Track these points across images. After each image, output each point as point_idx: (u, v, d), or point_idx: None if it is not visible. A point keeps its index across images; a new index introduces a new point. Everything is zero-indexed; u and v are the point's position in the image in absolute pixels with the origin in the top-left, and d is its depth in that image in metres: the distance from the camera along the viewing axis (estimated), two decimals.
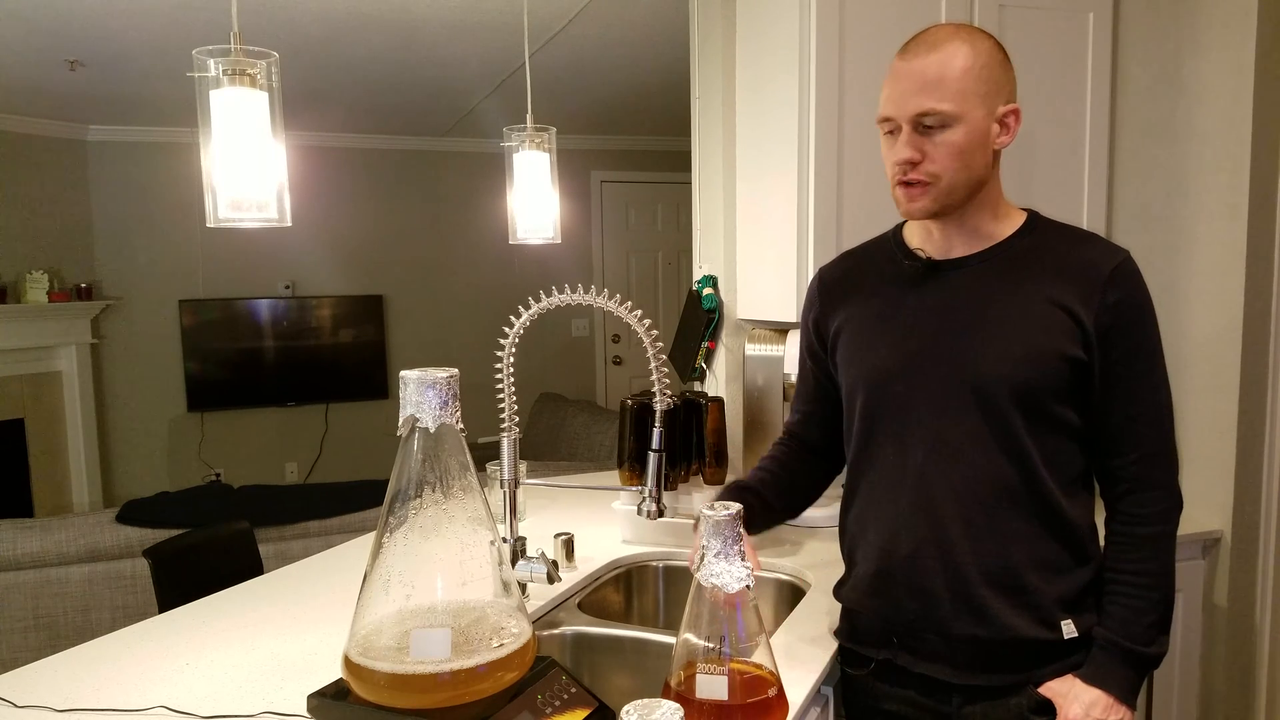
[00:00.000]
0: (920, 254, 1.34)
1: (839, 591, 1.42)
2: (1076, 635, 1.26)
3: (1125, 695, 1.24)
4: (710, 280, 2.42)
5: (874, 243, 1.45)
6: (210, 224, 1.40)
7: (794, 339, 2.12)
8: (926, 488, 1.28)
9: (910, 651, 1.32)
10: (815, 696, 1.36)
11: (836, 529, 1.48)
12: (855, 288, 1.41)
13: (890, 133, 1.26)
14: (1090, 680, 1.25)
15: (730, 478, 2.17)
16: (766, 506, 1.46)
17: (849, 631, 1.41)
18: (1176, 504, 1.28)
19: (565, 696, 1.15)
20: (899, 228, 1.41)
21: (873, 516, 1.35)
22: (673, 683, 1.16)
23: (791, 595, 1.81)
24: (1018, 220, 1.32)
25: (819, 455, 1.52)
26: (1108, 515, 1.30)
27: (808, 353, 1.50)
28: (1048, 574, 1.26)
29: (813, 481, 1.54)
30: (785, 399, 2.12)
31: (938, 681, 1.31)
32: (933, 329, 1.29)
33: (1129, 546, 1.27)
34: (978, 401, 1.25)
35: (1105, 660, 1.25)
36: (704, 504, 1.16)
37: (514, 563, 1.56)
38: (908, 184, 1.25)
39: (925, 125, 1.22)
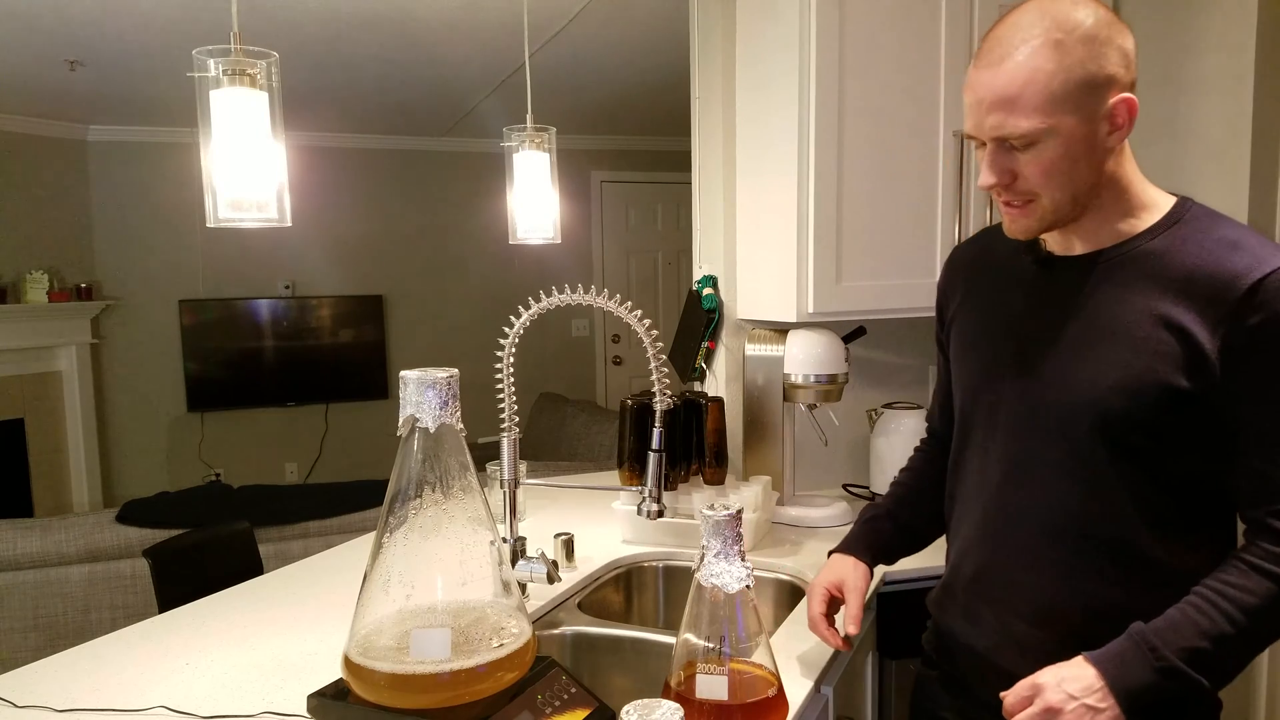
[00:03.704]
0: (1041, 245, 1.19)
1: (930, 592, 1.38)
2: None
3: (1121, 690, 1.02)
4: (710, 280, 2.42)
5: None
6: (210, 224, 1.40)
7: (794, 339, 2.11)
8: (998, 511, 1.21)
9: (964, 671, 1.29)
10: (815, 696, 1.36)
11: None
12: (976, 275, 1.31)
13: (980, 146, 1.11)
14: (1091, 658, 1.06)
15: (730, 478, 2.18)
16: (903, 529, 1.42)
17: (929, 633, 1.38)
18: None
19: (565, 696, 1.15)
20: None
21: (955, 529, 1.31)
22: (673, 683, 1.16)
23: (791, 595, 1.81)
24: (1159, 211, 1.12)
25: None
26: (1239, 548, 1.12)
27: (938, 337, 1.41)
28: (1106, 621, 1.08)
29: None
30: (785, 399, 2.12)
31: (986, 704, 1.21)
32: (1031, 336, 1.18)
33: (1232, 569, 1.06)
34: (1059, 426, 1.13)
35: (1120, 648, 1.05)
36: (703, 504, 1.15)
37: (514, 563, 1.56)
38: (1007, 204, 1.12)
39: (1010, 145, 1.07)
